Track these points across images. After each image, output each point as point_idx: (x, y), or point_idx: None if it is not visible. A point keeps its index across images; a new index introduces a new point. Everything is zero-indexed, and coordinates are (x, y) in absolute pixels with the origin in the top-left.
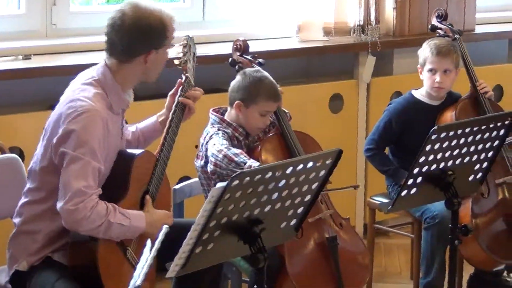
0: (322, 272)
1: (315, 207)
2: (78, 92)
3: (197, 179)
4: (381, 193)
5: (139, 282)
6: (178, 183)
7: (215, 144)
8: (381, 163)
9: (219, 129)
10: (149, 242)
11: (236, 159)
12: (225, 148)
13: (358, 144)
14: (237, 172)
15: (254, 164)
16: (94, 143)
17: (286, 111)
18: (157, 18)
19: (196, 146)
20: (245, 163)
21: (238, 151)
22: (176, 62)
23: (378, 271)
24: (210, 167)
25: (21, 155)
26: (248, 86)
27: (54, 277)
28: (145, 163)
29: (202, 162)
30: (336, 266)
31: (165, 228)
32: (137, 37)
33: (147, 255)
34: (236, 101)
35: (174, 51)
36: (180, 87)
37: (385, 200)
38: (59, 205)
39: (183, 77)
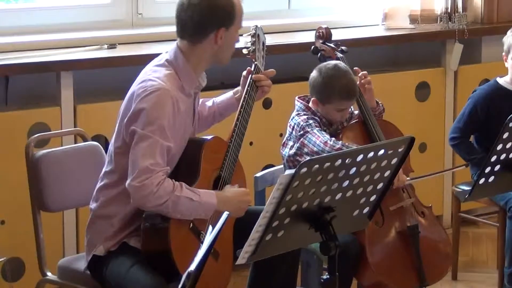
0: (403, 261)
1: (397, 195)
2: (149, 73)
3: (279, 167)
4: (466, 182)
5: (192, 268)
6: (262, 171)
7: (319, 137)
8: (467, 152)
9: (308, 118)
10: (210, 228)
11: (338, 146)
12: (329, 140)
13: (446, 132)
14: (306, 160)
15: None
16: (163, 121)
17: (380, 102)
18: None
19: (281, 135)
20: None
21: (339, 143)
22: (244, 51)
23: (465, 260)
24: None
25: (105, 143)
26: (322, 85)
27: (130, 262)
28: (216, 148)
29: (292, 152)
30: (417, 254)
31: (225, 214)
32: (206, 14)
33: (207, 241)
34: (313, 98)
35: (243, 41)
36: (250, 76)
37: (467, 189)
38: (127, 182)
39: (253, 65)
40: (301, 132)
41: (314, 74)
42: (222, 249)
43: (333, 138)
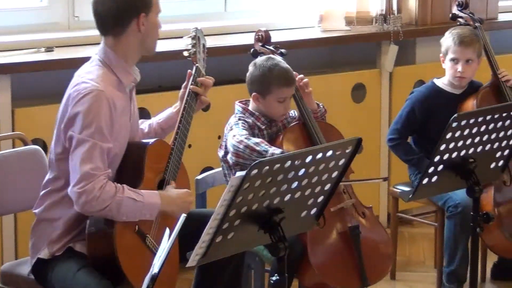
0: (344, 261)
1: (337, 196)
2: (83, 75)
3: (219, 169)
4: (404, 182)
5: (155, 271)
6: (201, 173)
7: (235, 136)
8: (405, 153)
9: (239, 119)
10: (167, 231)
11: (257, 148)
12: (245, 138)
13: (381, 133)
14: (256, 161)
15: (276, 151)
16: (100, 123)
17: (320, 104)
18: None
19: (219, 137)
20: (266, 151)
21: (258, 140)
22: (185, 54)
23: (402, 260)
24: (232, 159)
25: (44, 147)
26: (260, 77)
27: (76, 267)
28: (159, 151)
29: (223, 153)
30: (358, 255)
31: (182, 217)
32: (122, 3)
33: (165, 244)
34: (253, 93)
35: (183, 43)
36: (191, 78)
37: (407, 189)
38: (69, 189)
39: (194, 68)
40: (229, 129)
41: (250, 69)
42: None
43: (253, 138)
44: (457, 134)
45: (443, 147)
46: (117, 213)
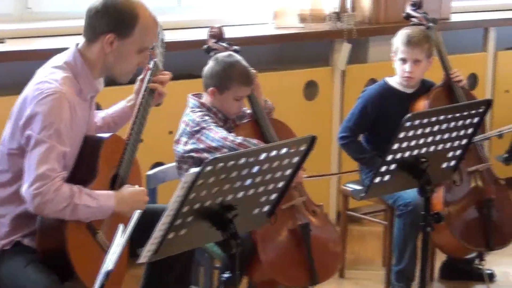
0: (294, 259)
1: (288, 194)
2: (46, 75)
3: (171, 164)
4: (354, 180)
5: (110, 267)
6: (151, 169)
7: (218, 133)
8: (356, 151)
9: (203, 115)
10: (121, 226)
11: (239, 141)
12: (222, 137)
13: (333, 131)
14: (210, 158)
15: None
16: (60, 126)
17: (268, 101)
18: (130, 5)
19: (171, 132)
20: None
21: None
22: None
23: (351, 258)
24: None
25: None
26: (221, 72)
27: (24, 262)
28: (114, 147)
29: (187, 148)
30: (308, 253)
31: (137, 213)
32: (102, 15)
33: (119, 240)
34: (210, 88)
35: None
36: (148, 73)
37: (358, 187)
38: (23, 189)
39: (151, 62)
40: (197, 128)
41: (210, 64)
42: None
43: (232, 134)
44: (410, 133)
45: (396, 146)
46: (71, 216)
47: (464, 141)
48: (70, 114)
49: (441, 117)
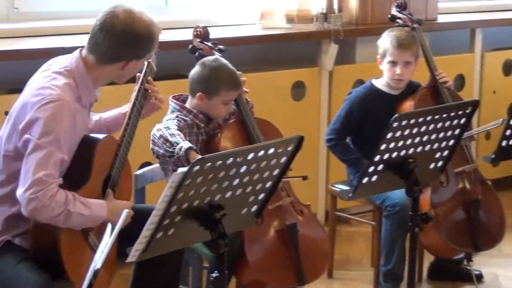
0: (282, 259)
1: (275, 194)
2: (48, 80)
3: (158, 165)
4: (342, 181)
5: (98, 266)
6: (139, 168)
7: (158, 125)
8: (343, 153)
9: (177, 116)
10: (109, 226)
11: (170, 139)
12: (164, 128)
13: (320, 131)
14: (198, 158)
15: (185, 145)
16: (60, 133)
17: (249, 100)
18: (148, 30)
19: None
20: (178, 143)
21: (176, 132)
22: None
23: (340, 258)
24: (150, 146)
25: None
26: (208, 78)
27: (15, 260)
28: (108, 148)
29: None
30: (296, 253)
31: (125, 213)
32: (124, 44)
33: (107, 239)
34: (198, 93)
35: None
36: (143, 73)
37: (346, 188)
38: (18, 192)
39: (145, 63)
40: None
41: (197, 69)
42: None
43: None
44: (398, 134)
45: (383, 146)
46: (64, 223)
47: (451, 142)
48: (70, 122)
49: (429, 118)
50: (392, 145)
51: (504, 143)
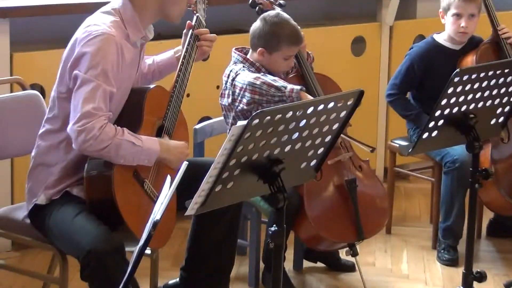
0: (340, 214)
1: (335, 149)
2: (95, 18)
3: (218, 119)
4: (402, 137)
5: (158, 217)
6: (199, 122)
7: (248, 75)
8: (403, 108)
9: (243, 66)
10: (168, 178)
11: (275, 84)
12: (262, 75)
13: (380, 87)
14: (258, 111)
15: (296, 87)
16: (107, 66)
17: (310, 52)
18: None
19: (218, 87)
20: (285, 87)
21: (274, 77)
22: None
23: (398, 214)
24: (247, 97)
25: (42, 92)
26: (270, 33)
27: (73, 211)
28: (159, 98)
29: (230, 100)
30: (355, 208)
31: (185, 164)
32: None
33: (167, 191)
34: (259, 48)
35: None
36: (190, 30)
37: (405, 143)
38: (69, 126)
39: (194, 17)
40: (234, 76)
41: (258, 24)
42: None
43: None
44: (459, 89)
45: (444, 101)
46: (115, 155)
47: None
48: (118, 56)
49: (490, 73)
50: (453, 100)
51: None
